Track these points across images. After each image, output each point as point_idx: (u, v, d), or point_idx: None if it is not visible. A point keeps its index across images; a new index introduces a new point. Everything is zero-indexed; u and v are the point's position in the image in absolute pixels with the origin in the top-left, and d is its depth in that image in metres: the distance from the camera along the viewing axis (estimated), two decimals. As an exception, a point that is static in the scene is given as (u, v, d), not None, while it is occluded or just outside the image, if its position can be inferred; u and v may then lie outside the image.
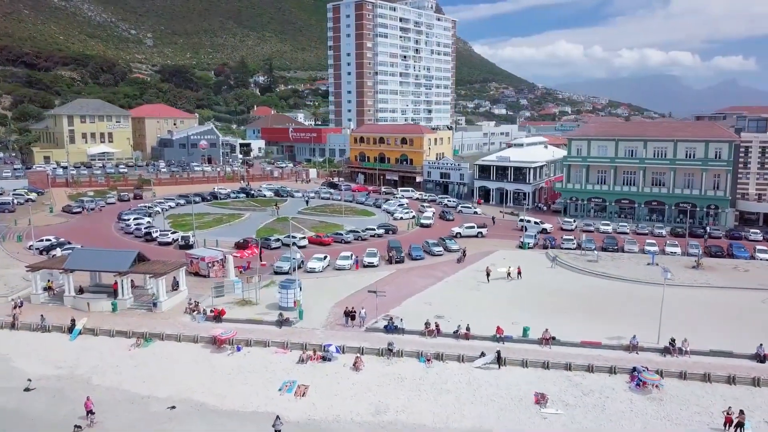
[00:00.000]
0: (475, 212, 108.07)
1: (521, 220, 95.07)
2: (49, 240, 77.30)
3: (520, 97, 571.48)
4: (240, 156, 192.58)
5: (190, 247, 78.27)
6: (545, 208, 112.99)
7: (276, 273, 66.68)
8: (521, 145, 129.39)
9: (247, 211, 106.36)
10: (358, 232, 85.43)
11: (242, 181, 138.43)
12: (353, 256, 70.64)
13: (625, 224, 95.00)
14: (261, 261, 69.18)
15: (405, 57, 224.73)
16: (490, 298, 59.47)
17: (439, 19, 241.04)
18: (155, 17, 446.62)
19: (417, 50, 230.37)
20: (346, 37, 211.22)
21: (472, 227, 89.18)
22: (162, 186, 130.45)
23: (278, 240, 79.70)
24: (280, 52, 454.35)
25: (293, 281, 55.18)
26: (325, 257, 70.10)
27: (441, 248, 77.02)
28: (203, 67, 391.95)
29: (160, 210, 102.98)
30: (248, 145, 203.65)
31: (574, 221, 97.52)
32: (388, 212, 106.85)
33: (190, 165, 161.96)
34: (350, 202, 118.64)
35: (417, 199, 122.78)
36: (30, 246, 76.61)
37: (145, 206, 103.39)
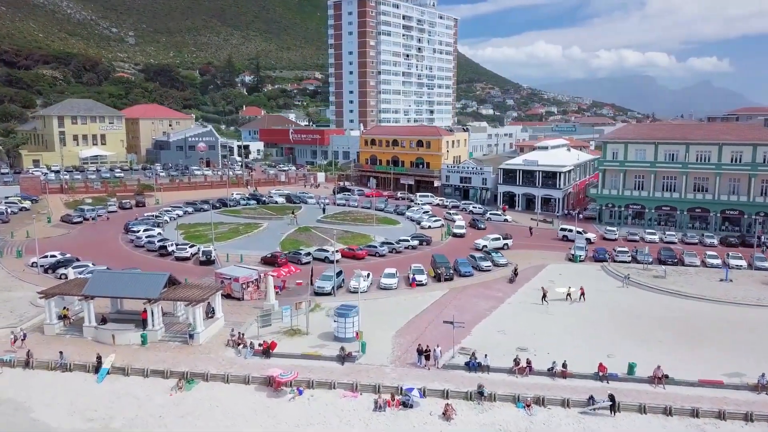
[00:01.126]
0: (506, 220, 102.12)
1: (562, 230, 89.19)
2: (54, 256, 69.77)
3: (506, 97, 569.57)
4: (239, 158, 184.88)
5: (212, 263, 71.31)
6: (577, 215, 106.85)
7: (317, 294, 59.90)
8: (546, 147, 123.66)
9: (263, 219, 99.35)
10: (392, 243, 78.77)
11: (249, 187, 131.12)
12: (398, 273, 64.09)
13: (673, 233, 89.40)
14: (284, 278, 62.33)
15: (408, 56, 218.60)
16: (567, 323, 53.20)
17: (441, 17, 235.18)
18: (136, 15, 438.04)
19: (419, 49, 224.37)
20: (348, 35, 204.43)
21: (498, 239, 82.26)
22: (163, 192, 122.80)
23: (309, 254, 72.74)
24: (265, 52, 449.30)
25: (351, 308, 48.47)
26: (368, 275, 63.37)
27: (489, 263, 70.70)
28: (187, 66, 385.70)
29: (168, 219, 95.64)
30: (247, 147, 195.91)
31: (617, 230, 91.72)
32: (413, 220, 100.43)
33: (190, 168, 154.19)
34: (368, 208, 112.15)
35: (438, 205, 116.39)
36: (33, 263, 69.03)
37: (152, 215, 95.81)
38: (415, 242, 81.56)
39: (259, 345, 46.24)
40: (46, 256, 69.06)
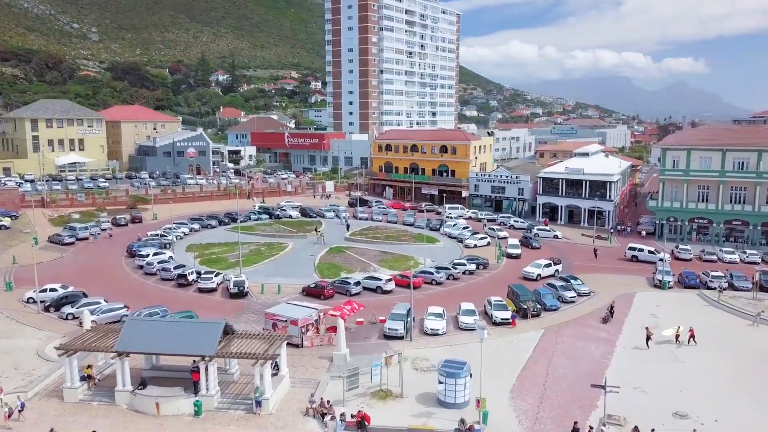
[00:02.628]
0: (555, 236, 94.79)
1: (631, 249, 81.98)
2: (54, 290, 60.18)
3: (489, 98, 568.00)
4: (231, 165, 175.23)
5: (245, 295, 62.44)
6: (629, 230, 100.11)
7: (386, 337, 51.48)
8: (586, 154, 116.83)
9: (283, 238, 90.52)
10: (447, 268, 70.55)
11: (255, 198, 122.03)
12: (476, 311, 55.94)
13: (755, 252, 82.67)
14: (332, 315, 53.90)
15: (410, 54, 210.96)
16: (712, 375, 45.45)
17: (444, 12, 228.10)
18: (99, 10, 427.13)
19: (422, 46, 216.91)
20: (348, 31, 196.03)
21: (549, 265, 73.22)
22: (158, 204, 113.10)
23: (358, 283, 64.18)
24: (237, 50, 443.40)
25: (461, 364, 40.17)
26: (443, 312, 55.12)
27: (572, 292, 62.92)
28: (156, 64, 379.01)
29: (174, 239, 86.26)
30: (238, 152, 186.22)
31: (690, 248, 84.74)
32: (452, 237, 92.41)
33: (182, 177, 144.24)
34: (394, 223, 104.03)
35: (471, 218, 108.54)
36: (29, 299, 59.39)
37: (157, 234, 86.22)
38: (472, 266, 73.44)
39: (352, 416, 37.60)
40: (45, 290, 59.36)
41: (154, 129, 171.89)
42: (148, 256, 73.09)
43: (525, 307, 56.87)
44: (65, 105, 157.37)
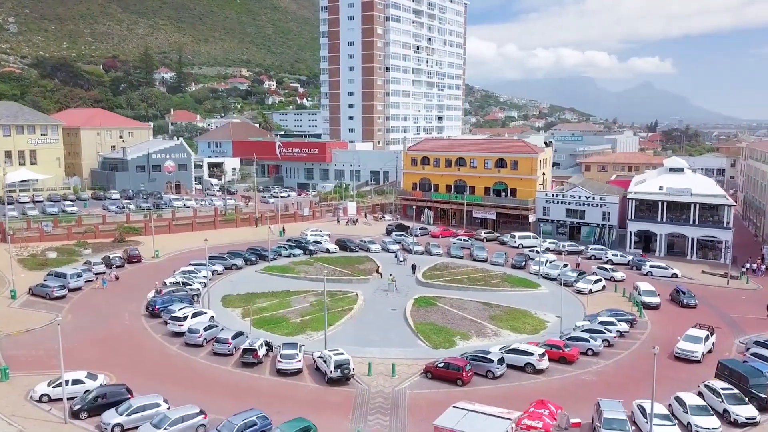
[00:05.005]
0: (674, 275, 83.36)
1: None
2: (79, 381, 45.43)
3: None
4: (214, 181, 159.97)
5: (348, 379, 48.77)
6: (754, 267, 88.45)
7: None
8: (680, 170, 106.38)
9: (339, 282, 76.85)
10: (601, 332, 58.03)
11: (269, 227, 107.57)
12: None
13: None
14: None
15: (418, 48, 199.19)
16: None
17: (451, 1, 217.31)
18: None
19: (430, 40, 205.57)
20: (348, 21, 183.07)
21: (707, 337, 56.60)
22: (149, 235, 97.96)
23: (502, 360, 51.02)
24: (178, 44, 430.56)
25: None
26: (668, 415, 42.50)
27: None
28: (87, 60, 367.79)
29: (199, 287, 71.71)
30: (220, 165, 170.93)
31: None
32: (552, 279, 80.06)
33: (166, 198, 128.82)
34: (459, 258, 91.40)
35: (549, 250, 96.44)
36: (42, 396, 44.44)
37: (178, 282, 71.35)
38: (624, 325, 61.16)
39: None
40: (59, 382, 44.10)
41: (121, 138, 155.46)
42: (184, 318, 58.34)
43: (765, 397, 44.66)
44: (11, 108, 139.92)
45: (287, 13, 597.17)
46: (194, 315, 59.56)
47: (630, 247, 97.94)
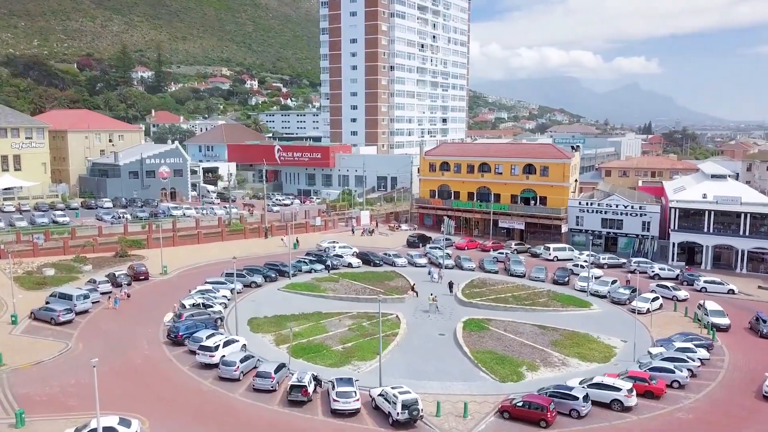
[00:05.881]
0: (731, 291, 79.66)
1: None
2: (112, 430, 40.17)
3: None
4: (211, 188, 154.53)
5: (416, 420, 44.12)
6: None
7: None
8: (724, 177, 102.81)
9: (370, 302, 72.16)
10: (683, 360, 53.84)
11: (282, 239, 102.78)
12: None
13: None
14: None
15: (422, 46, 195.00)
16: None
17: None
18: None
19: (434, 37, 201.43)
20: (351, 17, 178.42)
21: None
22: (152, 249, 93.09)
23: (587, 397, 46.55)
24: (155, 42, 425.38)
25: None
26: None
27: None
28: (60, 58, 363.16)
29: (221, 309, 66.78)
30: (215, 170, 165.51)
31: None
32: (600, 296, 76.11)
33: (162, 207, 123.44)
34: (494, 273, 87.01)
35: (592, 263, 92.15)
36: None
37: (199, 304, 66.25)
38: (703, 351, 57.02)
39: None
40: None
41: (110, 141, 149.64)
42: (216, 348, 53.33)
43: None
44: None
45: (268, 10, 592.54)
46: (225, 344, 54.52)
47: (672, 260, 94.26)
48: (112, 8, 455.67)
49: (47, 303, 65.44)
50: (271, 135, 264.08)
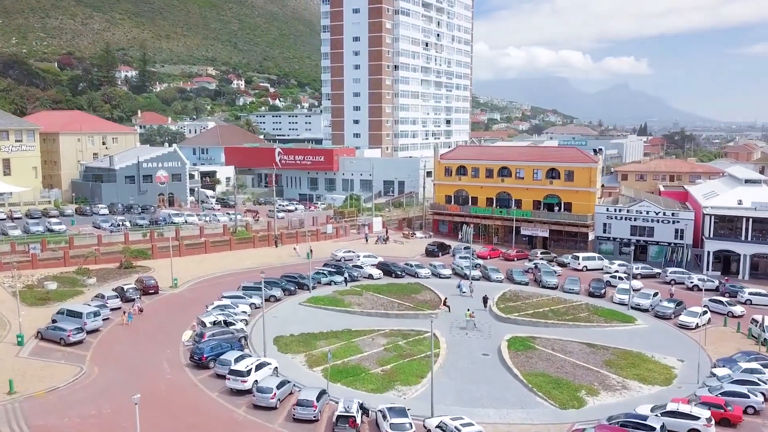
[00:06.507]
0: (780, 302, 76.86)
1: None
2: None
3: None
4: (209, 193, 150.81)
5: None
6: None
7: None
8: (758, 182, 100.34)
9: (405, 318, 69.08)
10: (754, 383, 50.97)
11: (295, 248, 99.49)
12: None
13: None
14: None
15: (427, 45, 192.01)
16: None
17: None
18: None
19: (438, 36, 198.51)
20: (353, 14, 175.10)
21: None
22: (157, 259, 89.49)
23: (663, 429, 43.44)
24: (138, 40, 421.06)
25: None
26: None
27: None
28: (39, 56, 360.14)
29: (243, 327, 63.32)
30: (213, 174, 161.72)
31: None
32: (642, 309, 73.24)
33: (162, 213, 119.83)
34: (525, 284, 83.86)
35: (627, 273, 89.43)
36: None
37: (220, 322, 62.56)
38: (770, 372, 54.19)
39: None
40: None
41: (104, 144, 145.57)
42: (248, 373, 49.83)
43: None
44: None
45: (254, 8, 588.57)
46: (257, 367, 51.04)
47: (707, 269, 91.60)
48: (93, 5, 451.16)
49: (54, 321, 61.71)
50: (262, 137, 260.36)
